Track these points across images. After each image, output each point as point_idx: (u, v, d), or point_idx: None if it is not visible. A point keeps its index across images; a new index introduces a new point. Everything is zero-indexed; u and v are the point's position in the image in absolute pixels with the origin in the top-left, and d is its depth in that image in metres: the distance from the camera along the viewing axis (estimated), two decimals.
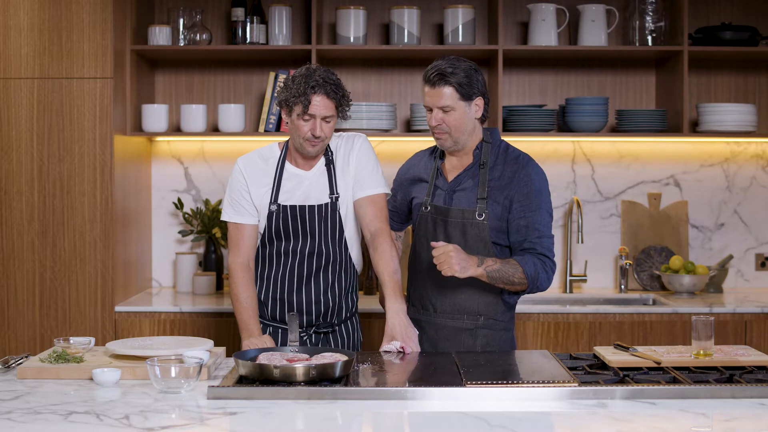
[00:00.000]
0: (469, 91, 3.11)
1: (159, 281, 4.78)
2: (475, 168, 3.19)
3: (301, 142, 3.14)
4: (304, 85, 3.06)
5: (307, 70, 3.12)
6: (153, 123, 4.45)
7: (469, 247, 3.12)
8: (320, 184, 3.23)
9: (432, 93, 3.12)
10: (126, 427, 2.22)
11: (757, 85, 4.78)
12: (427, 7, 4.70)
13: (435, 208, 3.21)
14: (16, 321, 4.17)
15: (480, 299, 3.17)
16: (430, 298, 3.23)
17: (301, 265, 3.21)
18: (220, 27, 4.74)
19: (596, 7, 4.52)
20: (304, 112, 3.08)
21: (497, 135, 3.24)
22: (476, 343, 3.18)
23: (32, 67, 4.14)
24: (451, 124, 3.12)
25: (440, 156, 3.29)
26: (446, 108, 3.11)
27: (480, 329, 3.19)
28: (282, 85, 3.17)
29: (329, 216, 3.20)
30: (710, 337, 2.76)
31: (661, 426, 2.26)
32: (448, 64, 3.11)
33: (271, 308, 3.26)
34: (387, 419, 2.35)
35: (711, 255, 4.79)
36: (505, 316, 3.23)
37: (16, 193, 4.16)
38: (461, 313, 3.19)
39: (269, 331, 3.28)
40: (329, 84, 3.09)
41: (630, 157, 4.77)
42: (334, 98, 3.10)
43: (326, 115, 3.10)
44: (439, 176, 3.25)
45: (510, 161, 3.17)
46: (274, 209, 3.19)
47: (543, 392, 2.49)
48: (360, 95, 4.75)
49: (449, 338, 3.20)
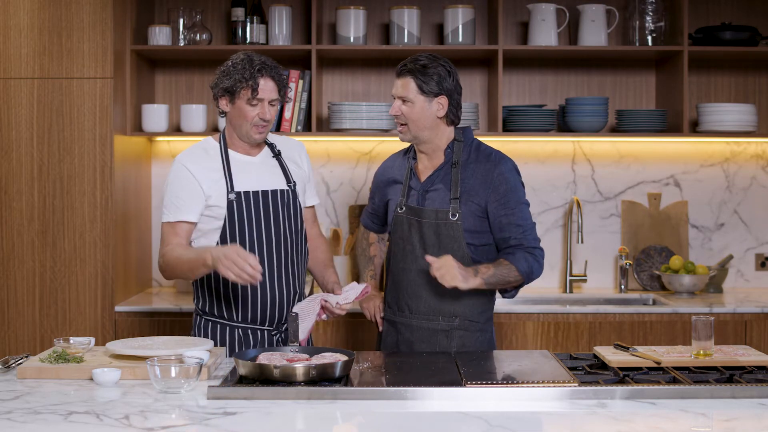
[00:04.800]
0: (427, 87, 3.12)
1: (159, 281, 4.78)
2: (447, 168, 3.19)
3: (247, 129, 3.13)
4: (250, 70, 3.07)
5: (246, 55, 3.12)
6: (153, 123, 4.45)
7: (443, 248, 3.14)
8: (271, 171, 3.21)
9: (396, 82, 3.17)
10: (126, 427, 2.23)
11: (757, 85, 4.78)
12: (427, 7, 4.70)
13: (409, 209, 3.21)
14: (16, 321, 4.17)
15: (455, 301, 3.17)
16: (405, 299, 3.23)
17: (270, 255, 3.14)
18: (220, 27, 4.74)
19: (596, 7, 4.52)
20: (253, 96, 3.08)
21: (470, 134, 3.25)
22: (451, 344, 3.19)
23: (32, 67, 4.14)
24: (408, 116, 3.14)
25: (413, 156, 3.29)
26: (405, 99, 3.14)
27: (455, 330, 3.19)
28: (219, 73, 3.14)
29: (290, 203, 3.19)
30: (710, 337, 2.76)
31: (661, 426, 2.27)
32: (419, 58, 3.14)
33: (242, 307, 3.15)
34: (387, 419, 2.35)
35: (711, 255, 4.79)
36: (482, 317, 3.23)
37: (16, 193, 4.16)
38: (436, 314, 3.19)
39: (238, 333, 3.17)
40: (273, 67, 3.12)
41: (630, 157, 4.77)
42: (278, 81, 3.13)
43: (273, 98, 3.12)
44: (412, 177, 3.25)
45: (482, 159, 3.18)
46: (234, 197, 3.12)
47: (543, 392, 2.49)
48: (360, 95, 4.76)
49: (424, 340, 3.21)
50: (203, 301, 3.22)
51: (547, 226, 4.75)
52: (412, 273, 3.20)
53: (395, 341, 3.27)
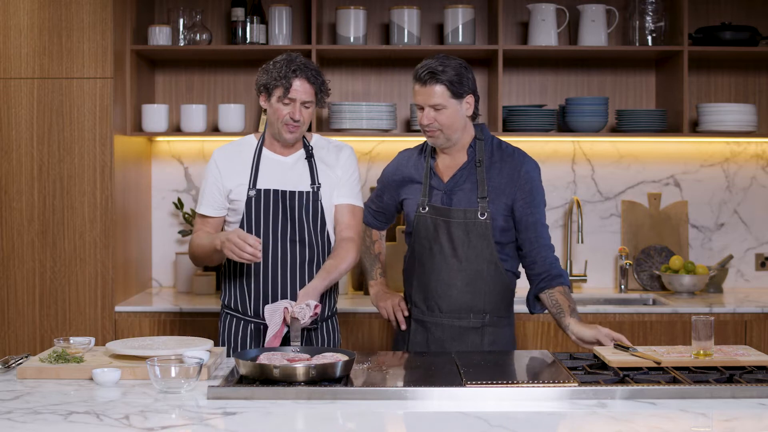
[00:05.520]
0: (459, 89, 3.12)
1: (159, 281, 4.79)
2: (471, 166, 3.19)
3: (279, 127, 3.16)
4: (286, 69, 3.10)
5: (287, 56, 3.16)
6: (153, 123, 4.45)
7: (472, 247, 3.14)
8: (300, 173, 3.22)
9: (423, 91, 3.13)
10: (126, 427, 2.22)
11: (757, 85, 4.78)
12: (427, 7, 4.70)
13: (434, 209, 3.21)
14: (16, 321, 4.17)
15: (484, 297, 3.18)
16: (435, 299, 3.23)
17: (284, 253, 3.17)
18: (220, 27, 4.74)
19: (596, 7, 4.52)
20: (285, 95, 3.11)
21: (487, 131, 3.26)
22: (483, 341, 3.19)
23: (32, 67, 4.14)
24: (442, 123, 3.13)
25: (431, 155, 3.29)
26: (438, 106, 3.12)
27: (486, 327, 3.20)
28: (261, 69, 3.19)
29: (311, 204, 3.19)
30: (710, 337, 2.76)
31: (661, 426, 2.26)
32: (438, 63, 3.12)
33: (255, 302, 3.20)
34: (387, 419, 2.35)
35: (711, 255, 4.79)
36: (508, 311, 3.26)
37: (16, 193, 4.16)
38: (467, 311, 3.20)
39: (250, 329, 3.22)
40: (310, 69, 3.13)
41: (630, 157, 4.77)
42: (314, 83, 3.13)
43: (306, 100, 3.13)
44: (433, 176, 3.25)
45: (506, 158, 3.20)
46: (253, 194, 3.17)
47: (543, 392, 2.49)
48: (360, 95, 4.76)
49: (456, 338, 3.20)
50: (226, 294, 3.28)
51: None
52: (442, 273, 3.19)
53: (425, 340, 3.25)
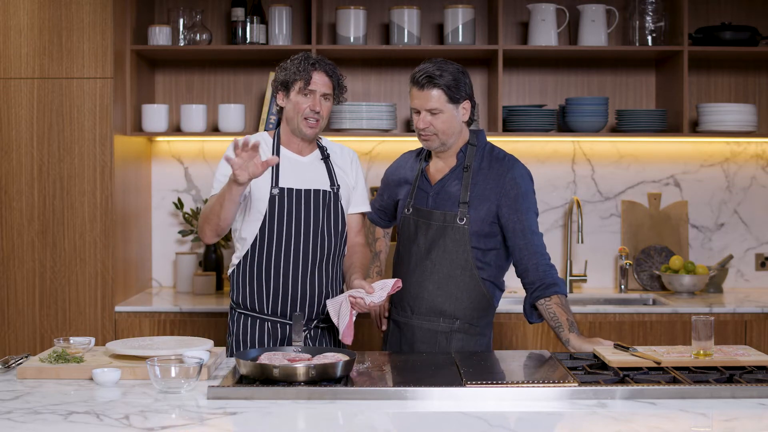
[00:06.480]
0: (456, 94, 3.12)
1: (159, 281, 4.79)
2: (458, 171, 3.20)
3: (298, 122, 3.19)
4: (305, 63, 3.18)
5: (304, 53, 3.24)
6: (153, 123, 4.45)
7: (447, 251, 3.14)
8: (318, 172, 3.25)
9: (420, 95, 3.13)
10: (126, 427, 2.23)
11: (757, 85, 4.78)
12: (427, 7, 4.70)
13: (416, 211, 3.23)
14: (16, 321, 4.17)
15: (456, 303, 3.18)
16: (408, 300, 3.24)
17: (305, 252, 3.19)
18: (220, 27, 4.74)
19: (596, 7, 4.52)
20: (305, 87, 3.16)
21: (483, 137, 3.25)
22: (450, 345, 3.19)
23: (32, 67, 4.14)
24: (438, 127, 3.14)
25: (426, 158, 3.30)
26: (434, 110, 3.12)
27: (455, 333, 3.19)
28: (278, 68, 3.24)
29: (332, 204, 3.22)
30: (710, 337, 2.76)
31: (661, 426, 2.26)
32: (435, 67, 3.13)
33: (273, 300, 3.21)
34: (387, 419, 2.35)
35: (711, 255, 4.79)
36: (481, 321, 3.24)
37: (16, 193, 4.16)
38: (437, 315, 3.20)
39: (267, 327, 3.22)
40: (327, 64, 3.22)
41: (630, 157, 4.77)
42: (332, 76, 3.21)
43: (325, 92, 3.19)
44: (423, 178, 3.26)
45: (494, 164, 3.18)
46: (277, 193, 3.18)
47: (543, 392, 2.49)
48: (360, 95, 4.76)
49: (425, 340, 3.21)
50: (237, 292, 3.26)
51: (547, 226, 4.75)
52: (415, 274, 3.21)
53: (398, 341, 3.27)
